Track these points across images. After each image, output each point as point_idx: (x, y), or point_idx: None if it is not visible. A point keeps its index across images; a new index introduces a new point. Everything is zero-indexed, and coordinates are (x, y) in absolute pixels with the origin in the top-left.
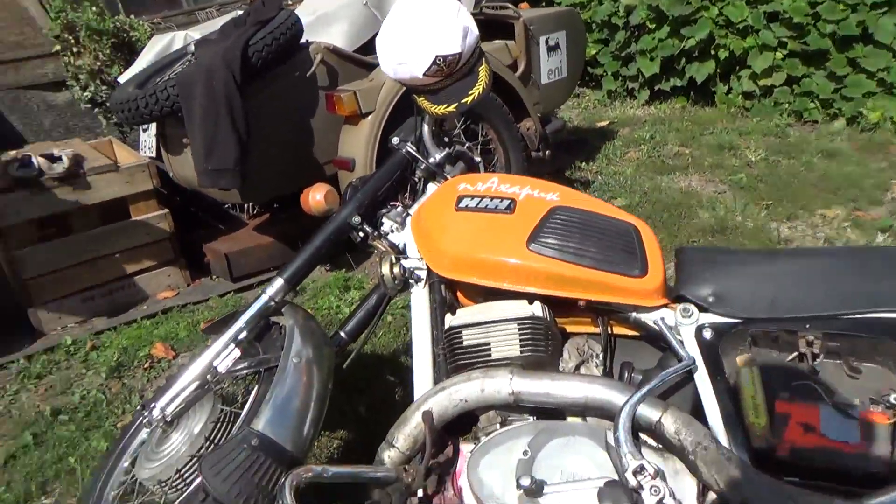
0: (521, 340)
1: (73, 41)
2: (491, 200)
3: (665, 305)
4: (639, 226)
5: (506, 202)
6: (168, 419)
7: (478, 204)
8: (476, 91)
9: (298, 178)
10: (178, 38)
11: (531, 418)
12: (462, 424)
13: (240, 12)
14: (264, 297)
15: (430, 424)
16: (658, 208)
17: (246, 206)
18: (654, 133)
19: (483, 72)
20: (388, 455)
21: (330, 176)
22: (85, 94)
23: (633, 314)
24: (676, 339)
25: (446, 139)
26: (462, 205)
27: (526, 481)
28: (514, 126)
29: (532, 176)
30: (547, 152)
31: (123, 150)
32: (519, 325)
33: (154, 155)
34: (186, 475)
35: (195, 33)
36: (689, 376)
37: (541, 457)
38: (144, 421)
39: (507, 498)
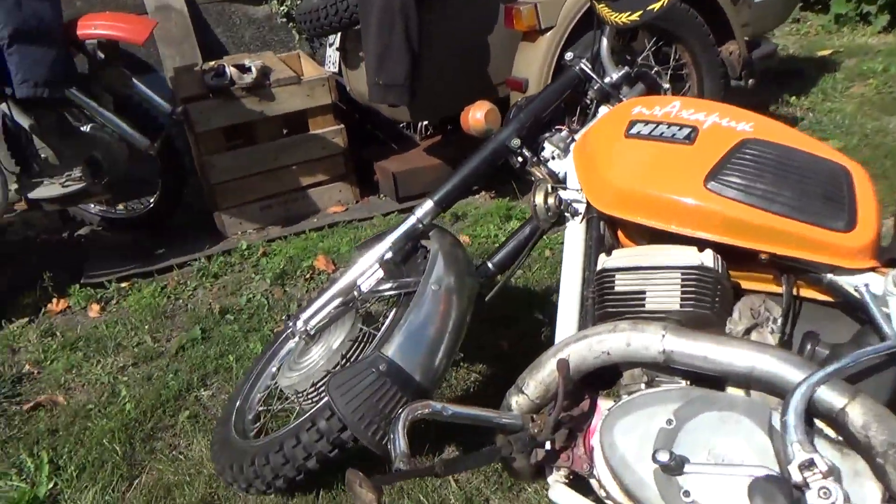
0: (682, 293)
1: None
2: (668, 128)
3: (873, 269)
4: (851, 169)
5: (686, 130)
6: (311, 332)
7: (652, 131)
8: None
9: (470, 98)
10: None
11: (683, 383)
12: (604, 378)
13: None
14: (412, 219)
15: (566, 374)
16: (880, 154)
17: (419, 126)
18: (888, 65)
19: None
20: (517, 401)
21: (503, 98)
22: (281, 7)
23: (829, 276)
24: (882, 313)
25: (628, 58)
26: (633, 131)
27: (664, 456)
28: (713, 49)
29: None
30: (750, 81)
31: (309, 64)
32: (683, 274)
33: (337, 70)
34: (321, 389)
35: None
36: (891, 360)
37: (687, 429)
38: (288, 331)
39: (641, 469)
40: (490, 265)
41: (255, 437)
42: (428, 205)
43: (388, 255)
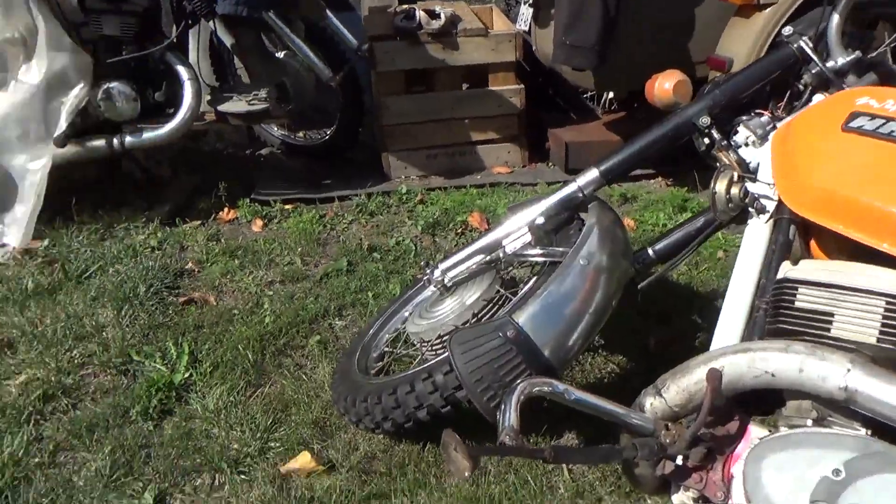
0: (883, 325)
1: None
2: None
3: None
4: None
5: None
6: (447, 284)
7: (878, 127)
8: None
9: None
10: None
11: (862, 431)
12: (759, 401)
13: None
14: (573, 186)
15: (716, 385)
16: None
17: (603, 99)
18: None
19: None
20: (652, 403)
21: (700, 78)
22: None
23: None
24: None
25: (861, 42)
26: (854, 124)
27: None
28: None
29: None
30: None
31: (500, 18)
32: (888, 303)
33: (527, 29)
34: (445, 342)
35: None
36: None
37: (858, 487)
38: (425, 279)
39: None
40: (651, 252)
41: (374, 376)
42: (592, 173)
43: (540, 220)
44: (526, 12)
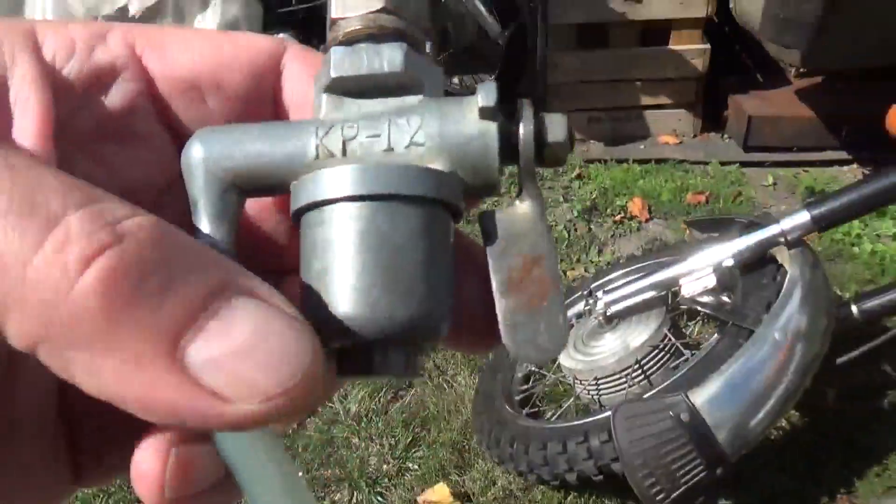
0: None
1: None
2: None
3: None
4: None
5: None
6: (609, 316)
7: None
8: None
9: (891, 51)
10: None
11: None
12: None
13: None
14: (775, 228)
15: None
16: None
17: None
18: None
19: None
20: None
21: None
22: None
23: None
24: None
25: None
26: None
27: None
28: None
29: None
30: None
31: None
32: None
33: None
34: (602, 388)
35: None
36: None
37: None
38: (586, 309)
39: None
40: (855, 310)
41: (520, 405)
42: (802, 217)
43: (729, 261)
44: None
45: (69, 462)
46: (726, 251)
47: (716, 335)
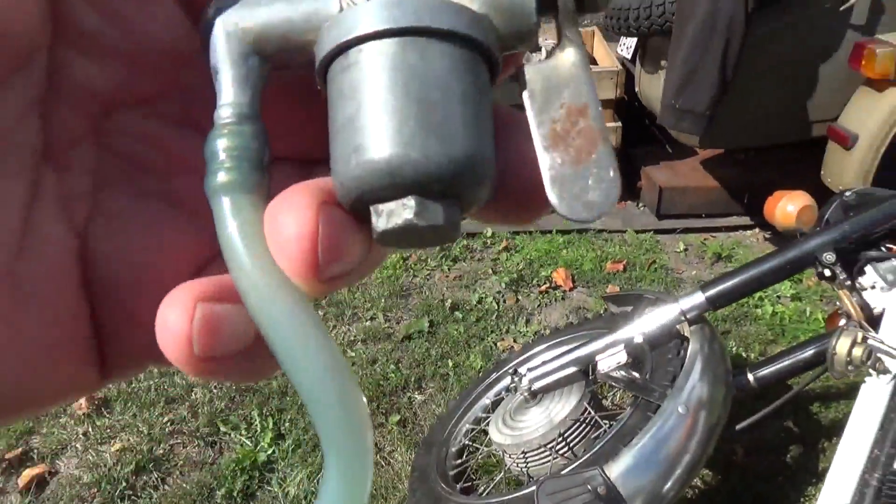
0: None
1: None
2: None
3: None
4: None
5: None
6: (533, 391)
7: None
8: None
9: (777, 133)
10: None
11: None
12: None
13: None
14: (675, 310)
15: None
16: None
17: None
18: None
19: None
20: None
21: (817, 138)
22: None
23: None
24: None
25: None
26: None
27: None
28: None
29: None
30: None
31: (602, 47)
32: None
33: (630, 57)
34: (530, 461)
35: None
36: None
37: None
38: (512, 386)
39: None
40: (751, 377)
41: (454, 480)
42: (697, 298)
43: (638, 339)
44: (629, 41)
45: (93, 348)
46: (636, 329)
47: (628, 408)
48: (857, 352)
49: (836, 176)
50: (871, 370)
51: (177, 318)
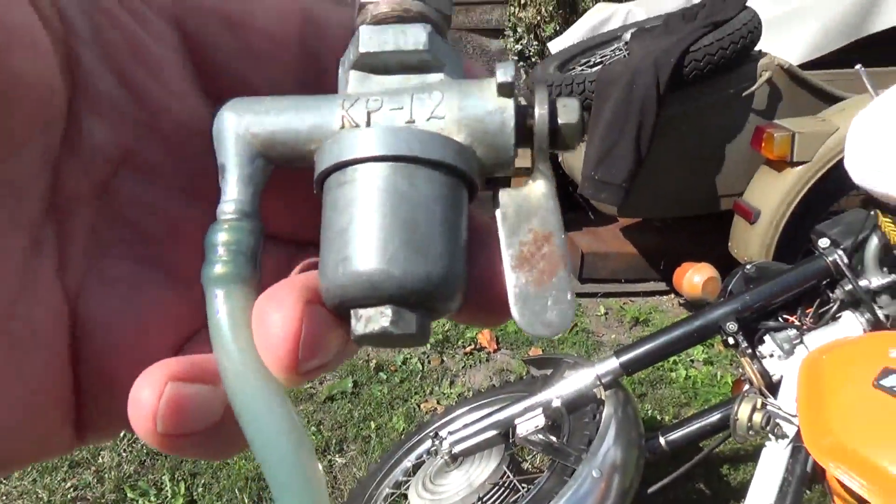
0: None
1: None
2: None
3: None
4: None
5: None
6: (453, 455)
7: None
8: None
9: (688, 205)
10: (618, 15)
11: None
12: None
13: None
14: (591, 375)
15: None
16: None
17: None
18: None
19: None
20: None
21: (724, 212)
22: (517, 45)
23: None
24: None
25: None
26: (886, 382)
27: None
28: None
29: None
30: None
31: None
32: None
33: None
34: None
35: (640, 10)
36: None
37: None
38: (433, 449)
39: None
40: (662, 441)
41: None
42: (612, 363)
43: (556, 403)
44: None
45: (72, 410)
46: (554, 393)
47: (546, 472)
48: (757, 417)
49: (742, 248)
50: (770, 435)
51: (147, 395)
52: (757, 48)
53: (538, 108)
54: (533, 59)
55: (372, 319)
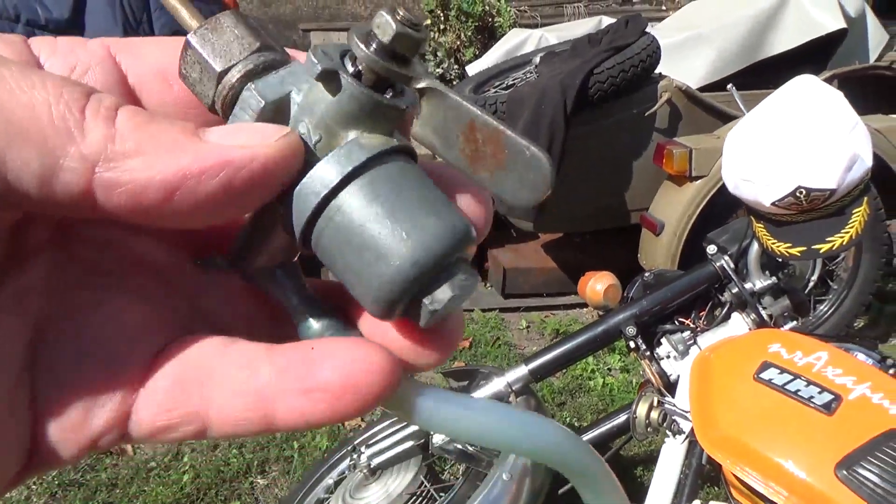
0: None
1: (443, 18)
2: (807, 386)
3: None
4: None
5: (827, 396)
6: (372, 468)
7: (786, 383)
8: (840, 240)
9: (599, 220)
10: (531, 39)
11: None
12: None
13: (608, 20)
14: (502, 383)
15: None
16: None
17: None
18: None
19: (859, 216)
20: None
21: (633, 225)
22: (437, 69)
23: None
24: None
25: (777, 268)
26: (765, 376)
27: None
28: (882, 224)
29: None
30: None
31: None
32: None
33: None
34: None
35: (551, 36)
36: None
37: None
38: (352, 463)
39: None
40: None
41: None
42: (521, 370)
43: None
44: None
45: (23, 438)
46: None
47: (461, 479)
48: (655, 415)
49: (649, 258)
50: (668, 432)
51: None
52: (657, 71)
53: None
54: (453, 83)
55: (437, 296)
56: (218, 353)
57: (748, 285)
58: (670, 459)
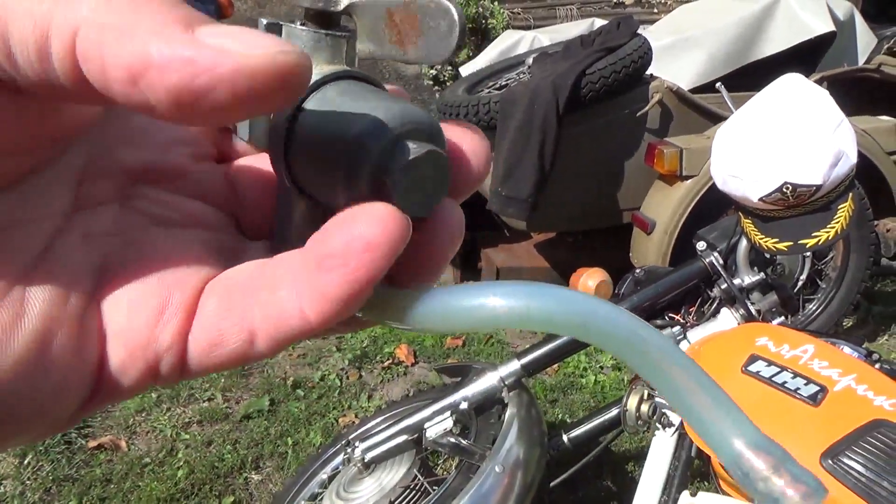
0: None
1: None
2: (793, 378)
3: None
4: None
5: (813, 388)
6: (366, 462)
7: (773, 375)
8: (826, 234)
9: (591, 219)
10: (525, 41)
11: None
12: None
13: (600, 22)
14: (495, 377)
15: None
16: None
17: None
18: None
19: (844, 211)
20: None
21: (625, 224)
22: (431, 70)
23: None
24: None
25: (765, 264)
26: (752, 368)
27: None
28: (869, 224)
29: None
30: None
31: None
32: None
33: None
34: None
35: (544, 37)
36: None
37: None
38: (345, 458)
39: None
40: (565, 439)
41: None
42: (514, 365)
43: (463, 405)
44: None
45: (89, 364)
46: (461, 396)
47: (454, 472)
48: (645, 408)
49: (641, 257)
50: (658, 424)
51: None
52: (648, 72)
53: None
54: (447, 84)
55: (393, 165)
56: (258, 271)
57: (737, 281)
58: (660, 452)
